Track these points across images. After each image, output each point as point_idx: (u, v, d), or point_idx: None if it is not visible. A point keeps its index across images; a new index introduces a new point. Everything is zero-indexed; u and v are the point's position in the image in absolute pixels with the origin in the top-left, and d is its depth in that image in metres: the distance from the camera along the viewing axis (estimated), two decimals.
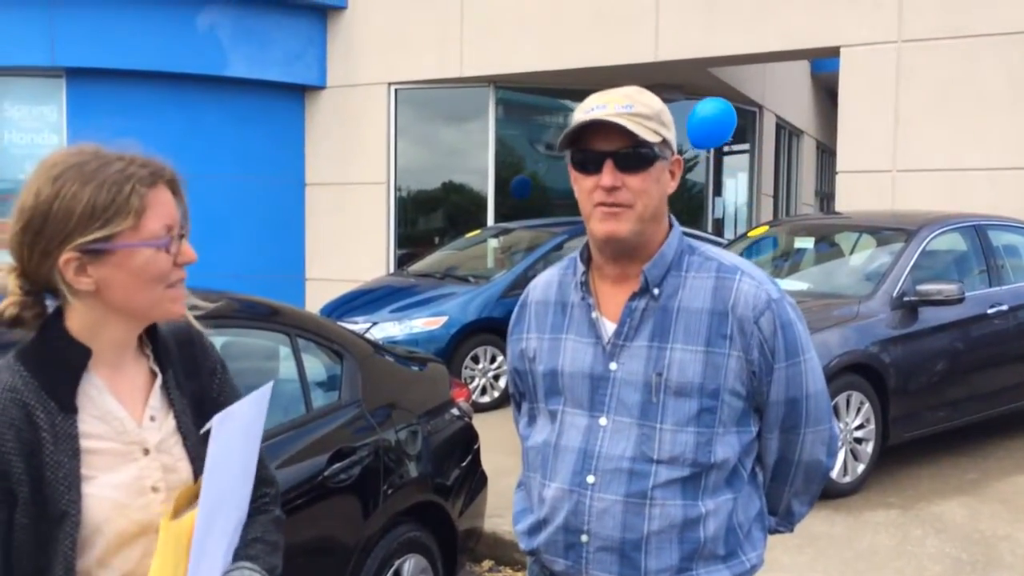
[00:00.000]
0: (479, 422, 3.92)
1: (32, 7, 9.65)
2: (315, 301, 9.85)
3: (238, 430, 1.40)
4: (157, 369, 1.43)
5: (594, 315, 1.68)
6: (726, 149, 13.09)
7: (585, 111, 1.61)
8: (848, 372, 5.05)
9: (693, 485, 1.61)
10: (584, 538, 1.64)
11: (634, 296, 1.65)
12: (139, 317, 1.37)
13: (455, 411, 3.70)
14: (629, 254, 1.65)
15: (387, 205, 10.83)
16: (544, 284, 1.81)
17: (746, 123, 12.88)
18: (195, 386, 1.47)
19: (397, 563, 3.17)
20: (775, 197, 14.12)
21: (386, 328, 7.13)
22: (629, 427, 1.62)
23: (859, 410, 5.13)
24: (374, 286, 8.40)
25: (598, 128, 1.59)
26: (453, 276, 8.20)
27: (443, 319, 7.31)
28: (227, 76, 10.36)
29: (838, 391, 5.00)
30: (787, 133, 14.98)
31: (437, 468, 3.44)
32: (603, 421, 1.64)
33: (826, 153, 17.63)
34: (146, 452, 1.37)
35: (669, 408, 1.61)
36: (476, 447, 3.76)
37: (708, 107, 8.03)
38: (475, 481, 3.71)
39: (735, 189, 13.20)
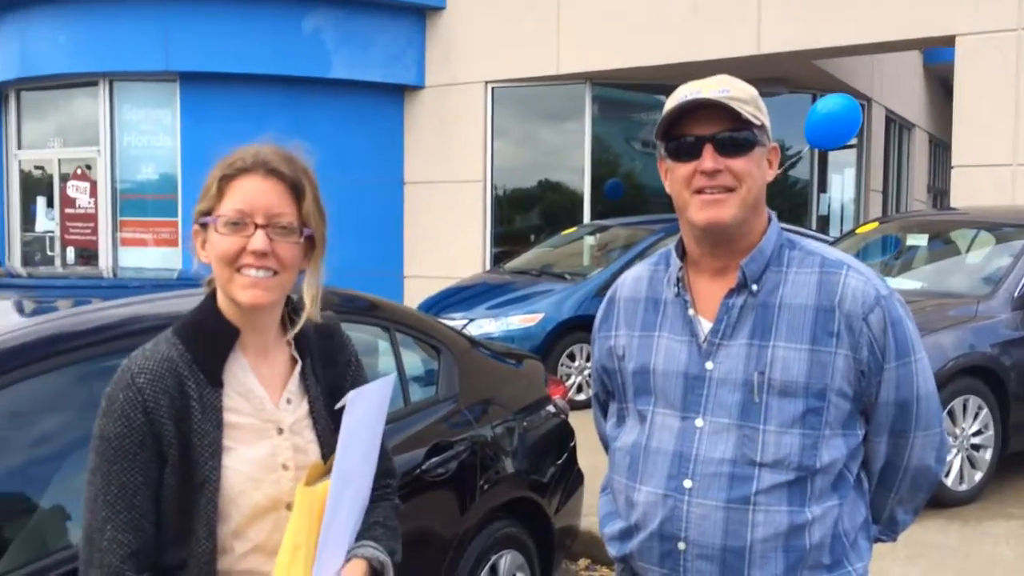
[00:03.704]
0: (575, 420, 3.88)
1: (147, 15, 10.11)
2: (413, 298, 9.99)
3: (366, 411, 1.48)
4: (298, 356, 1.53)
5: (690, 312, 1.61)
6: None
7: (678, 99, 1.56)
8: (965, 375, 4.82)
9: (799, 490, 1.54)
10: (681, 546, 1.57)
11: (731, 293, 1.59)
12: (228, 297, 1.44)
13: (551, 408, 3.67)
14: (729, 245, 1.59)
15: (483, 203, 10.90)
16: (633, 280, 1.75)
17: None
18: (331, 376, 1.57)
19: (494, 558, 3.17)
20: (884, 193, 13.60)
21: (483, 324, 7.17)
22: (728, 429, 1.56)
23: (977, 415, 4.89)
24: (471, 283, 8.47)
25: (694, 114, 1.54)
26: (549, 273, 8.19)
27: (539, 316, 7.30)
28: (331, 78, 10.63)
29: (954, 395, 4.77)
30: (897, 126, 14.40)
31: (533, 465, 3.42)
32: (699, 423, 1.58)
33: (940, 147, 16.87)
34: (280, 431, 1.47)
35: (773, 409, 1.53)
36: (572, 444, 3.73)
37: (831, 103, 7.71)
38: (571, 479, 3.67)
39: (841, 185, 12.76)
